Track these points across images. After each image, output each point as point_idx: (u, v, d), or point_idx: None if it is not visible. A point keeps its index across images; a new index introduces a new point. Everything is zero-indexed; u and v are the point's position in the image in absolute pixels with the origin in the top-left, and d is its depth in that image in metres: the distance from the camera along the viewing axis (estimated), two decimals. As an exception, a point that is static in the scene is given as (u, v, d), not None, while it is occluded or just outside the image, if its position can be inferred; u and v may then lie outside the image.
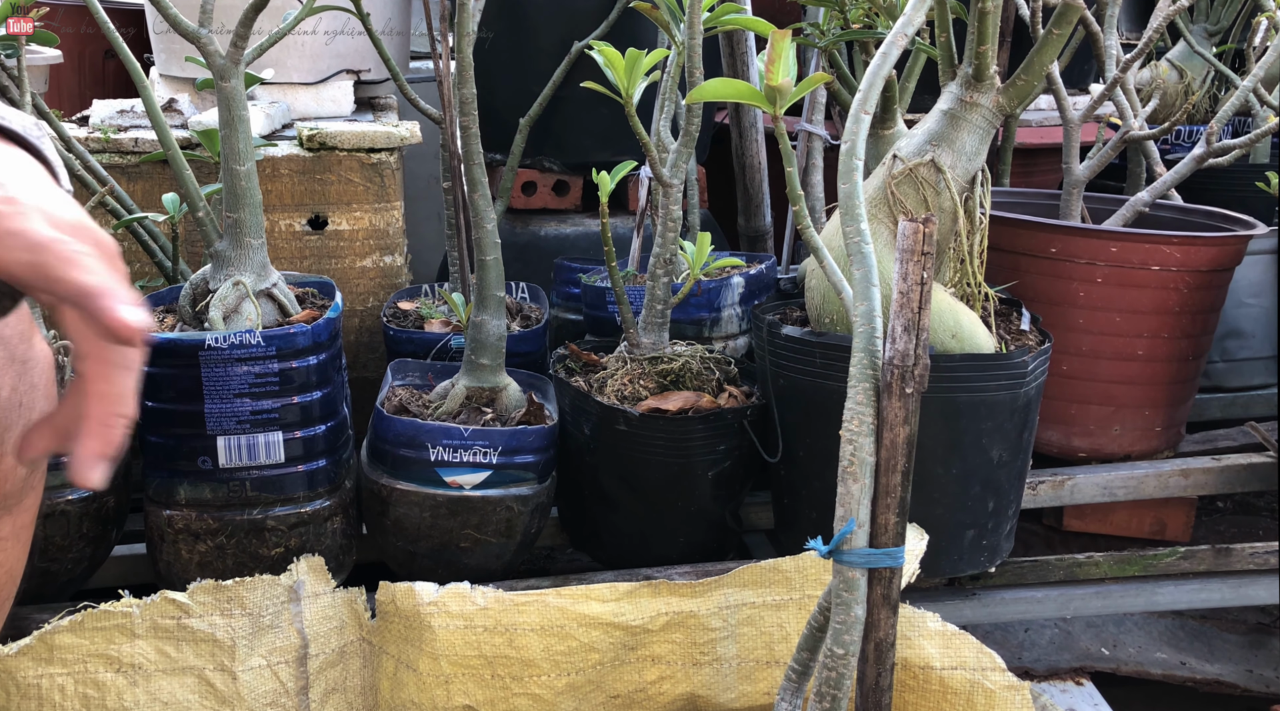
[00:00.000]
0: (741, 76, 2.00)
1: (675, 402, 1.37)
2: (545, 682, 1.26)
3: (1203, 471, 1.64)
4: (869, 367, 0.98)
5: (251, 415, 1.32)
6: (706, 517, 1.42)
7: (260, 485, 1.33)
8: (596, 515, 1.46)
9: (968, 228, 1.29)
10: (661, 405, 1.36)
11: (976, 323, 1.30)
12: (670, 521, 1.42)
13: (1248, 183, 1.95)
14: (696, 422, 1.36)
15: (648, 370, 1.40)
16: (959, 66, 1.28)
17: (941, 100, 1.29)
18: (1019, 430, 1.32)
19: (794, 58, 1.05)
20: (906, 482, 0.99)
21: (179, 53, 1.92)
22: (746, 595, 1.29)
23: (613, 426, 1.36)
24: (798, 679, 1.10)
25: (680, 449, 1.37)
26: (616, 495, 1.41)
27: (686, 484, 1.40)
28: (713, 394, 1.40)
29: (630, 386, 1.38)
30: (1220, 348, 1.92)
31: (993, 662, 1.24)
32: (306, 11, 1.40)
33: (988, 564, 1.37)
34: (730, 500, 1.44)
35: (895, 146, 1.31)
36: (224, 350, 1.30)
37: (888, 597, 1.02)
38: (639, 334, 1.40)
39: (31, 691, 1.21)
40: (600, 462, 1.40)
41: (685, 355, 1.41)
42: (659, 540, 1.44)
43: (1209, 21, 2.48)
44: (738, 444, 1.39)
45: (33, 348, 0.96)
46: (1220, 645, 1.63)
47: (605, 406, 1.36)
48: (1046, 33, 1.22)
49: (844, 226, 1.00)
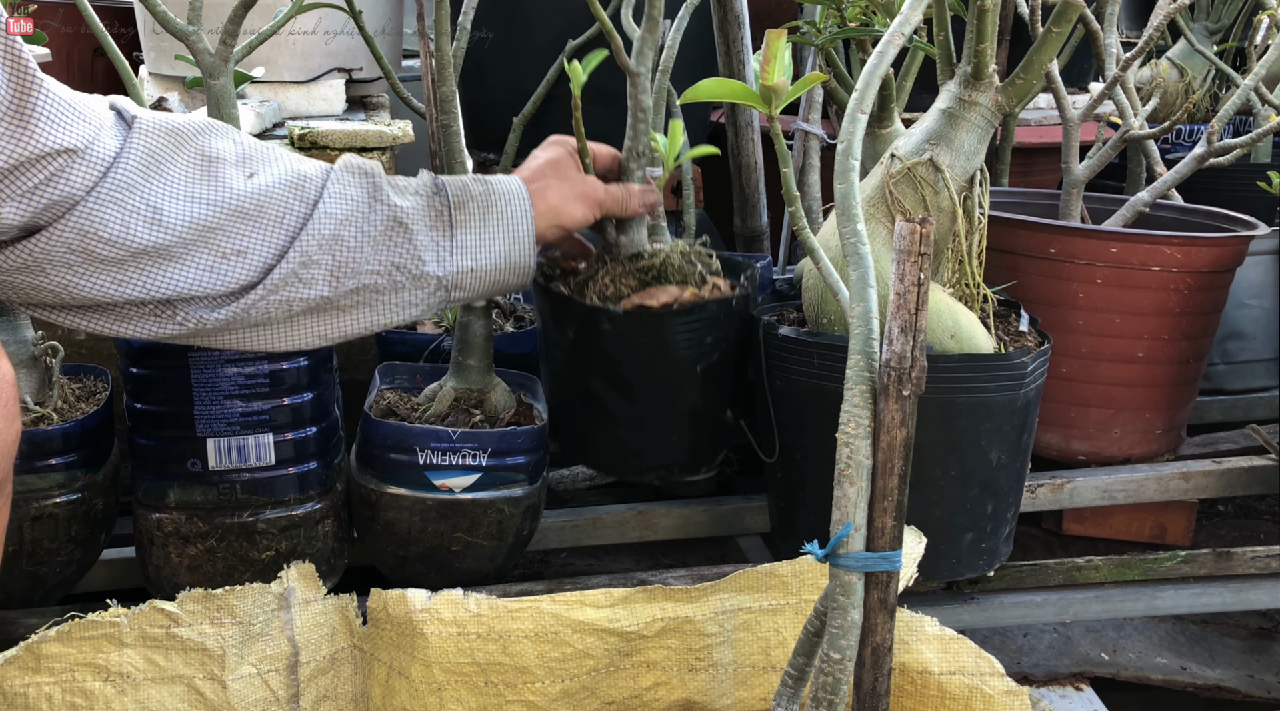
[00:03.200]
0: (737, 75, 1.99)
1: (659, 298, 1.33)
2: (539, 689, 1.25)
3: (1203, 474, 1.63)
4: (866, 369, 0.97)
5: (242, 417, 1.31)
6: (698, 416, 1.39)
7: (251, 487, 1.32)
8: (586, 422, 1.43)
9: (966, 228, 1.29)
10: (645, 301, 1.33)
11: (975, 323, 1.29)
12: (661, 421, 1.39)
13: (1249, 183, 1.94)
14: (680, 316, 1.32)
15: (628, 268, 1.35)
16: (957, 65, 1.28)
17: (940, 99, 1.28)
18: (1018, 432, 1.31)
19: (789, 57, 1.04)
20: (904, 485, 0.98)
21: (168, 51, 1.91)
22: (743, 600, 1.28)
23: (597, 328, 1.33)
24: (794, 684, 1.09)
25: (666, 344, 1.34)
26: (605, 399, 1.38)
27: (675, 381, 1.36)
28: (696, 287, 1.36)
29: (613, 287, 1.34)
30: (1221, 349, 1.91)
31: (991, 667, 1.23)
32: (296, 9, 1.38)
33: (986, 567, 1.36)
34: (721, 395, 1.40)
35: (893, 146, 1.29)
36: (214, 351, 1.29)
37: (885, 602, 1.01)
38: (616, 232, 1.35)
39: (18, 700, 1.19)
40: (587, 367, 1.37)
41: (666, 250, 1.37)
42: (650, 442, 1.41)
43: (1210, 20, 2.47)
44: (724, 335, 1.36)
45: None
46: (1221, 650, 1.62)
47: (588, 308, 1.33)
48: (1046, 31, 1.21)
49: (840, 227, 0.98)
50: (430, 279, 1.16)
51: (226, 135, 1.11)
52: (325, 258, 1.11)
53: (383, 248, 1.14)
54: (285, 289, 1.11)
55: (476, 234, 1.18)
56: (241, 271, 1.09)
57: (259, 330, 1.14)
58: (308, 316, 1.14)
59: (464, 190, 1.19)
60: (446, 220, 1.17)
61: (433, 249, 1.16)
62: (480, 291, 1.21)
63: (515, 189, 1.21)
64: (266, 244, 1.10)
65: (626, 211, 1.32)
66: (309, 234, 1.10)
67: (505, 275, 1.21)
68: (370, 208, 1.14)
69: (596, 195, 1.28)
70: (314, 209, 1.11)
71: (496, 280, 1.21)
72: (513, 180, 1.23)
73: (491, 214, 1.19)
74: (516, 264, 1.21)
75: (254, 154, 1.12)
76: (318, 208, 1.11)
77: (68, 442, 1.31)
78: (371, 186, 1.15)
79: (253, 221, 1.09)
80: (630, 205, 1.31)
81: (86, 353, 1.67)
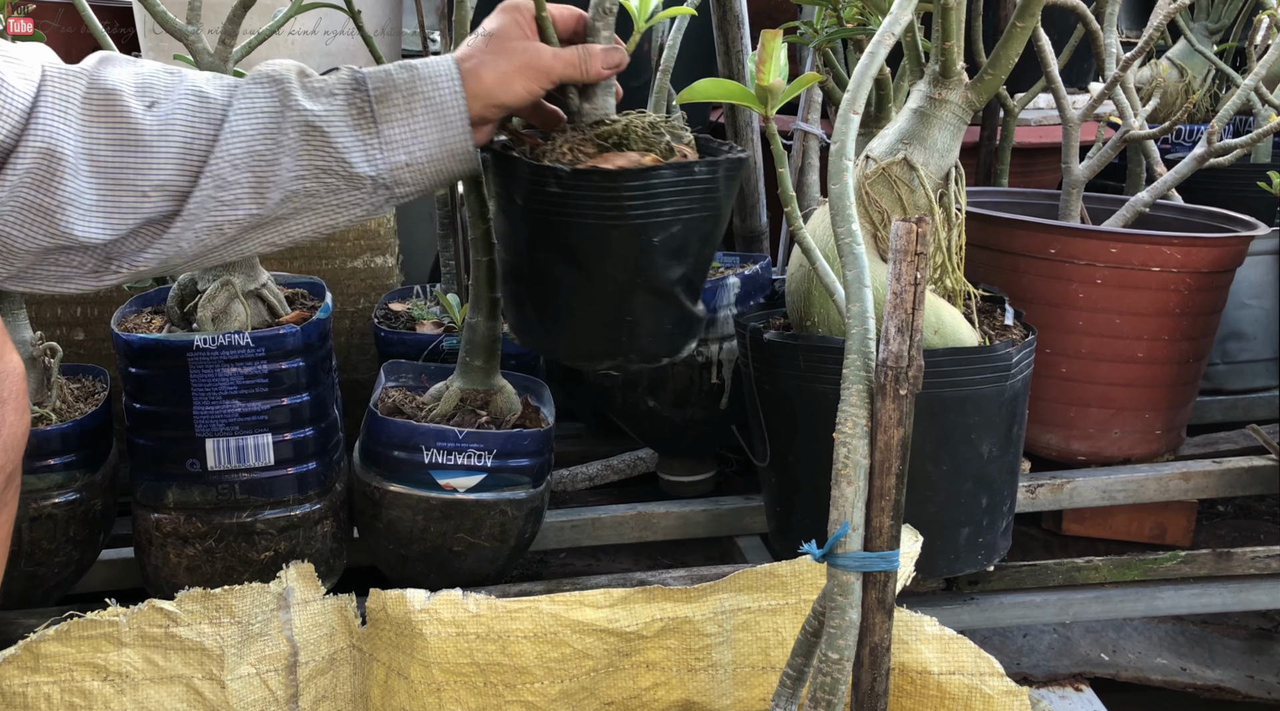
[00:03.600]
0: (736, 75, 1.98)
1: (615, 162, 1.21)
2: (539, 690, 1.25)
3: (1203, 474, 1.62)
4: (863, 369, 0.97)
5: (241, 417, 1.31)
6: (659, 295, 1.24)
7: (249, 488, 1.32)
8: (536, 299, 1.28)
9: (944, 224, 1.29)
10: (600, 164, 1.21)
11: (959, 318, 1.29)
12: (615, 299, 1.24)
13: (1249, 183, 1.94)
14: (632, 178, 1.18)
15: (588, 135, 1.24)
16: (926, 64, 1.28)
17: (911, 99, 1.30)
18: (1007, 424, 1.31)
19: (785, 57, 1.04)
20: (901, 485, 0.98)
21: (167, 51, 1.91)
22: (742, 600, 1.28)
23: (544, 191, 1.20)
24: (793, 684, 1.09)
25: (618, 210, 1.19)
26: (554, 272, 1.25)
27: (629, 252, 1.21)
28: (662, 156, 1.23)
29: (570, 153, 1.23)
30: (1221, 350, 1.90)
31: (991, 668, 1.23)
32: (295, 9, 1.38)
33: (985, 562, 1.36)
34: (684, 279, 1.26)
35: (868, 147, 1.30)
36: (212, 351, 1.29)
37: (883, 601, 1.01)
38: (580, 99, 1.24)
39: (17, 700, 1.20)
40: (535, 238, 1.24)
41: (632, 115, 1.26)
42: (602, 324, 1.26)
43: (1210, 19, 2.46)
44: (687, 206, 1.22)
45: (3, 360, 0.95)
46: (1221, 650, 1.62)
47: (535, 167, 1.19)
48: (1010, 26, 1.22)
49: (835, 227, 0.98)
50: (364, 179, 1.11)
51: (122, 64, 1.07)
52: (242, 177, 1.07)
53: (303, 155, 1.08)
54: (208, 215, 1.07)
55: (404, 126, 1.12)
56: (162, 204, 1.05)
57: (206, 257, 1.11)
58: (248, 233, 1.10)
59: (386, 80, 1.12)
60: (370, 116, 1.10)
61: (359, 149, 1.10)
62: (426, 183, 1.15)
63: (444, 71, 1.13)
64: (179, 173, 1.05)
65: (587, 76, 1.19)
66: (219, 156, 1.06)
67: (446, 163, 1.14)
68: (281, 117, 1.08)
69: (541, 63, 1.16)
70: (220, 128, 1.06)
71: (439, 170, 1.14)
72: (443, 61, 1.14)
73: (417, 102, 1.12)
74: (455, 150, 1.13)
75: (153, 81, 1.07)
76: (224, 126, 1.06)
77: (66, 443, 1.31)
78: (281, 93, 1.09)
79: (157, 152, 1.04)
80: (590, 68, 1.19)
81: (85, 353, 1.67)
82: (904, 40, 1.29)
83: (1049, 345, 1.57)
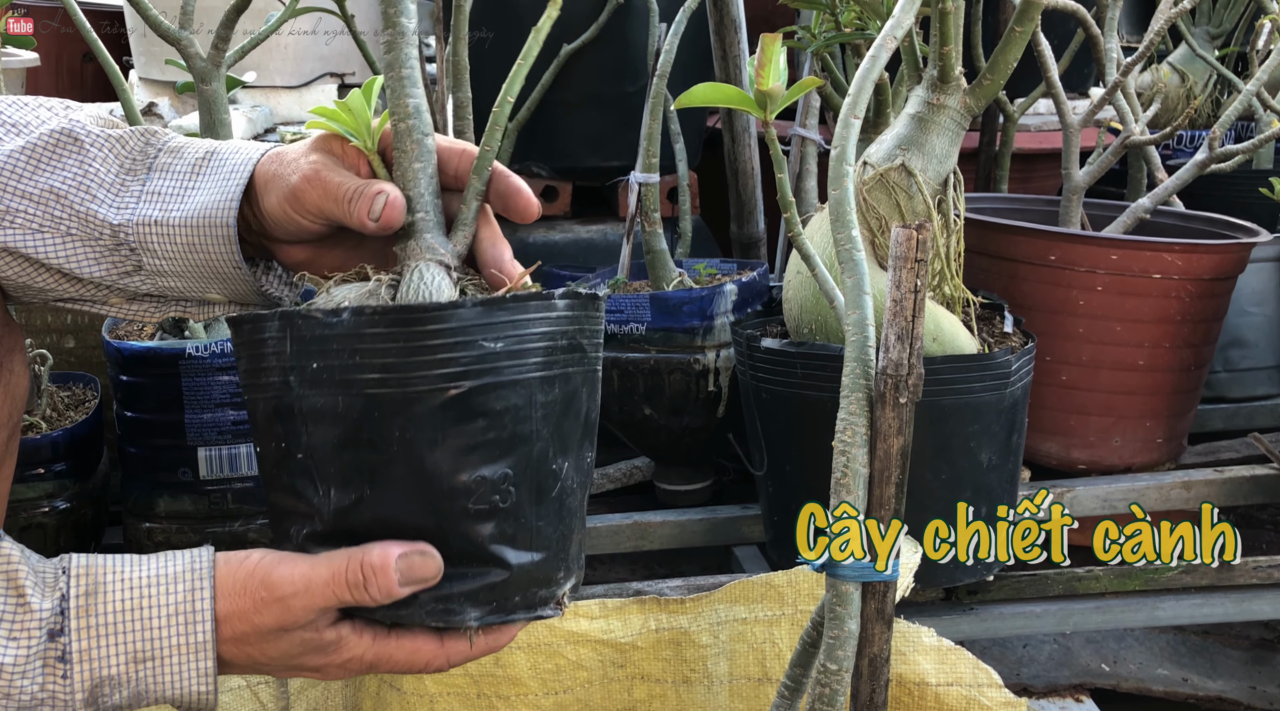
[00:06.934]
0: (734, 80, 1.98)
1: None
2: (533, 701, 1.24)
3: (1205, 483, 1.61)
4: (862, 377, 0.96)
5: (233, 426, 1.30)
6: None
7: (242, 497, 1.31)
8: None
9: (943, 230, 1.28)
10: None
11: (958, 325, 1.28)
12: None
13: (1251, 189, 1.93)
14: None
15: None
16: (924, 69, 1.27)
17: (909, 104, 1.29)
18: (1007, 432, 1.30)
19: (784, 61, 1.03)
20: (901, 494, 0.97)
21: (159, 55, 1.90)
22: (738, 610, 1.27)
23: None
24: (790, 696, 1.08)
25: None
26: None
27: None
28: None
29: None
30: (1223, 357, 1.89)
31: (990, 679, 1.22)
32: (289, 13, 1.37)
33: (985, 572, 1.35)
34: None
35: (865, 153, 1.29)
36: (205, 359, 1.28)
37: (882, 612, 1.00)
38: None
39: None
40: None
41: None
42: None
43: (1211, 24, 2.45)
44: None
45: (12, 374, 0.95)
46: (1223, 661, 1.61)
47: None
48: (1009, 31, 1.21)
49: (834, 233, 0.97)
50: (103, 226, 0.88)
51: None
52: None
53: (44, 166, 0.88)
54: None
55: (178, 180, 0.90)
56: None
57: None
58: None
59: (186, 143, 0.93)
60: (146, 163, 0.91)
61: (113, 187, 0.89)
62: (172, 260, 0.90)
63: (250, 155, 0.91)
64: None
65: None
66: None
67: (202, 236, 0.89)
68: (42, 121, 0.90)
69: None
70: None
71: (191, 243, 0.89)
72: (253, 147, 0.93)
73: (208, 166, 0.91)
74: (216, 221, 0.88)
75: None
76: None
77: (56, 451, 1.30)
78: (61, 105, 0.93)
79: None
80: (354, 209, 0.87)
81: (75, 360, 1.66)
82: (902, 45, 1.28)
83: (1049, 352, 1.56)
